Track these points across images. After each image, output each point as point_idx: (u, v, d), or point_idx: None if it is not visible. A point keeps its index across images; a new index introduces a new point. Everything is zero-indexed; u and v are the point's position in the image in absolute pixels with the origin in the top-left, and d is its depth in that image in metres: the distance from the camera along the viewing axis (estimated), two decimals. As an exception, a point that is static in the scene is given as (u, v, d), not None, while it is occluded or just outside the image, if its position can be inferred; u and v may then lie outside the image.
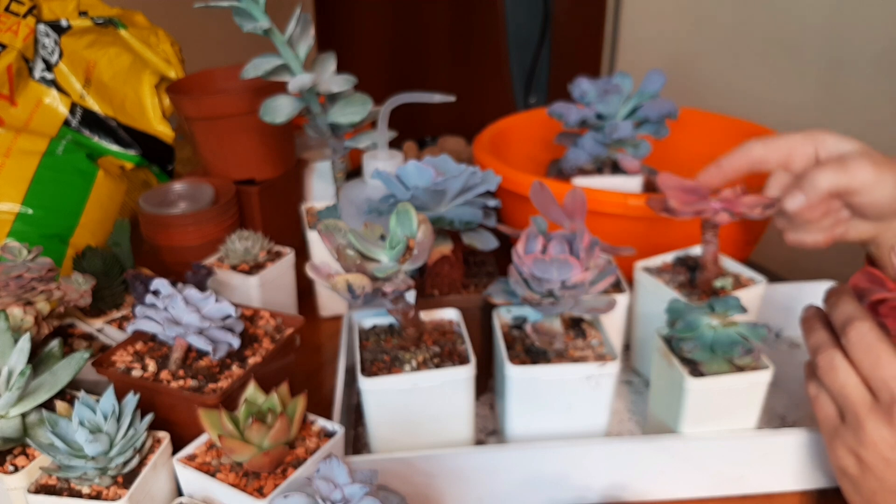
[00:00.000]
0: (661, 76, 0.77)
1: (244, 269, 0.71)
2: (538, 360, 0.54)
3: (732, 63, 1.34)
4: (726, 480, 0.55)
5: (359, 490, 0.39)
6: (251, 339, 0.58)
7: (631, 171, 0.78)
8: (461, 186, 0.55)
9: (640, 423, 0.63)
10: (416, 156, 1.10)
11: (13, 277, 0.56)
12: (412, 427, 0.53)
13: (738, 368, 0.52)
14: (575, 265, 0.49)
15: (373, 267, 0.49)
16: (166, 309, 0.55)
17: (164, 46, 0.94)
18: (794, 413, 0.64)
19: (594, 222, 0.59)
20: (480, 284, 0.63)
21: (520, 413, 0.55)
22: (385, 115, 0.64)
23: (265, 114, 0.68)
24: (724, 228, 0.61)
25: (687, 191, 0.60)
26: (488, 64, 1.79)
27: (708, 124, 0.91)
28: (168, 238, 0.77)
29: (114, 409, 0.47)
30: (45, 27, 0.89)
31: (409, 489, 0.52)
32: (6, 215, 0.77)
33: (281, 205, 0.88)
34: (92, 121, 0.89)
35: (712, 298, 0.54)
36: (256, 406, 0.49)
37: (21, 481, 0.47)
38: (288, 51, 0.66)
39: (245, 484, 0.46)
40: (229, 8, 0.64)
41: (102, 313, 0.69)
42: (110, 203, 0.84)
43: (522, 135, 0.91)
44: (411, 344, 0.55)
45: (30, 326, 0.56)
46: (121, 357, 0.56)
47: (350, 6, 2.03)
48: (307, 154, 0.93)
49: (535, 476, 0.53)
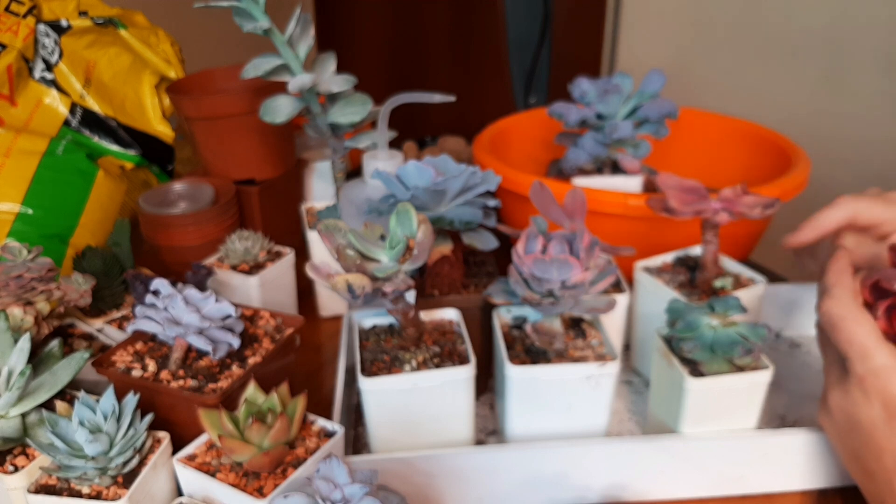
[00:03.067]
0: (661, 76, 0.77)
1: (244, 269, 0.71)
2: (538, 360, 0.54)
3: (732, 63, 1.35)
4: (726, 480, 0.55)
5: (359, 490, 0.39)
6: (251, 339, 0.58)
7: (631, 171, 0.78)
8: (461, 186, 0.55)
9: (640, 423, 0.63)
10: (416, 156, 1.10)
11: (13, 277, 0.56)
12: (412, 427, 0.53)
13: (738, 368, 0.52)
14: (575, 265, 0.49)
15: (373, 267, 0.49)
16: (166, 309, 0.55)
17: (164, 46, 0.94)
18: (794, 413, 0.64)
19: (594, 222, 0.59)
20: (480, 284, 0.63)
21: (520, 413, 0.55)
22: (385, 115, 0.64)
23: (265, 114, 0.68)
24: (724, 228, 0.61)
25: (687, 191, 0.60)
26: (488, 64, 1.79)
27: (708, 124, 0.91)
28: (168, 238, 0.77)
29: (114, 409, 0.47)
30: (45, 27, 0.89)
31: (409, 489, 0.52)
32: (6, 215, 0.77)
33: (281, 205, 0.88)
34: (92, 121, 0.89)
35: (712, 298, 0.54)
36: (256, 406, 0.49)
37: (21, 481, 0.47)
38: (288, 51, 0.66)
39: (245, 484, 0.46)
40: (229, 8, 0.64)
41: (102, 313, 0.69)
42: (110, 203, 0.84)
43: (522, 135, 0.91)
44: (411, 344, 0.55)
45: (30, 326, 0.56)
46: (121, 357, 0.56)
47: (350, 6, 2.03)
48: (307, 154, 0.93)
49: (535, 476, 0.53)
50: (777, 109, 1.17)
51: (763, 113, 0.98)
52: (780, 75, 1.27)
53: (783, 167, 0.76)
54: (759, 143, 0.85)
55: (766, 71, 1.28)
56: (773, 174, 0.74)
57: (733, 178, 0.73)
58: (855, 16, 1.14)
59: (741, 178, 0.66)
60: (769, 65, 1.27)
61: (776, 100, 1.26)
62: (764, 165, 0.81)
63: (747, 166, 0.85)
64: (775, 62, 1.27)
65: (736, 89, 1.33)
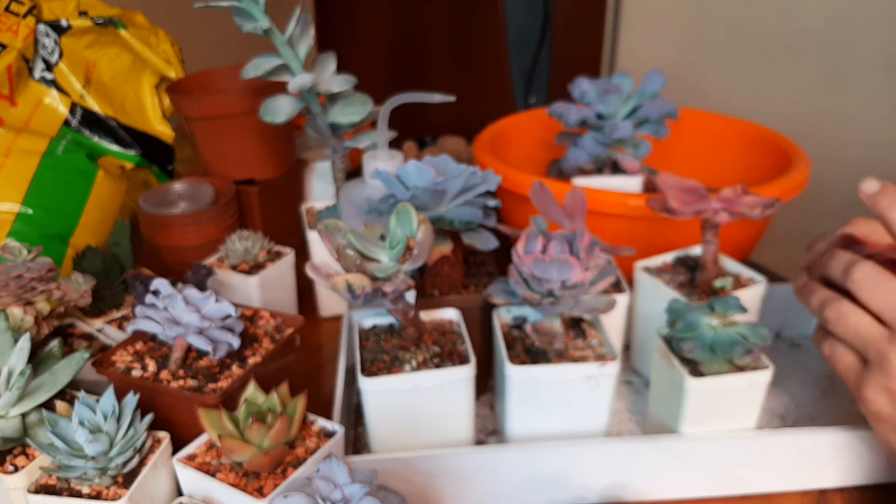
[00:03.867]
0: (661, 76, 0.77)
1: (244, 269, 0.71)
2: (538, 360, 0.54)
3: (732, 63, 1.34)
4: (726, 480, 0.55)
5: (359, 490, 0.39)
6: (251, 339, 0.58)
7: (631, 171, 0.78)
8: (461, 186, 0.55)
9: (640, 423, 0.63)
10: (416, 156, 1.10)
11: (13, 277, 0.56)
12: (412, 427, 0.53)
13: (738, 368, 0.52)
14: (575, 265, 0.49)
15: (373, 267, 0.49)
16: (166, 309, 0.55)
17: (164, 46, 0.94)
18: (794, 413, 0.64)
19: (594, 222, 0.59)
20: (480, 284, 0.63)
21: (520, 413, 0.55)
22: (385, 115, 0.64)
23: (265, 114, 0.68)
24: (724, 228, 0.61)
25: (687, 191, 0.60)
26: (488, 64, 1.80)
27: (708, 124, 0.91)
28: (168, 238, 0.77)
29: (114, 409, 0.47)
30: (45, 27, 0.89)
31: (409, 489, 0.52)
32: (6, 215, 0.77)
33: (281, 205, 0.88)
34: (92, 121, 0.89)
35: (712, 298, 0.54)
36: (256, 406, 0.49)
37: (21, 481, 0.47)
38: (288, 51, 0.66)
39: (245, 484, 0.46)
40: (229, 8, 0.64)
41: (102, 313, 0.69)
42: (110, 203, 0.84)
43: (522, 135, 0.91)
44: (411, 344, 0.55)
45: (30, 326, 0.56)
46: (121, 357, 0.56)
47: (350, 6, 2.03)
48: (307, 154, 0.93)
49: (535, 476, 0.53)
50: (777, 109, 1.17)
51: (763, 113, 0.98)
52: (780, 75, 1.27)
53: (783, 167, 0.76)
54: (759, 143, 0.85)
55: (766, 71, 1.28)
56: (773, 174, 0.74)
57: (733, 178, 0.73)
58: (855, 16, 1.14)
59: (741, 178, 0.66)
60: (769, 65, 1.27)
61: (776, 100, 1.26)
62: (764, 165, 0.81)
63: (747, 166, 0.85)
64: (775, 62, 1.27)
65: (736, 89, 1.32)
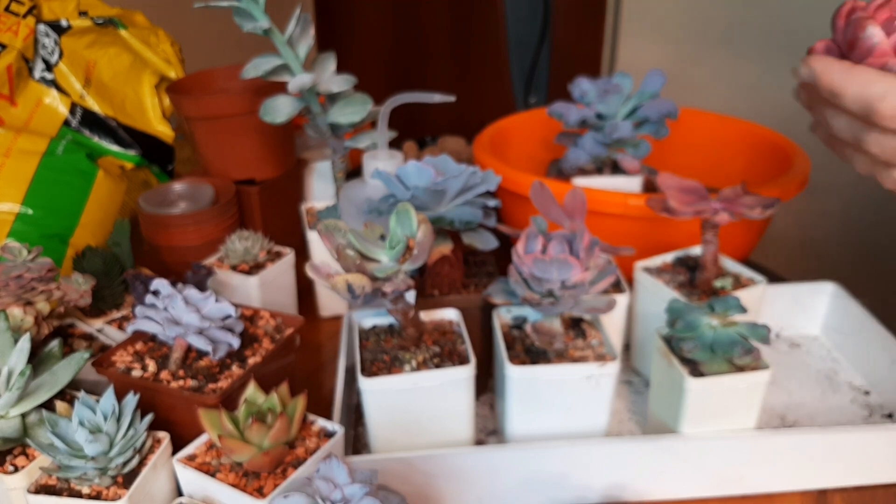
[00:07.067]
0: (661, 76, 0.77)
1: (244, 269, 0.71)
2: (538, 360, 0.54)
3: (732, 63, 1.34)
4: (726, 480, 0.55)
5: (359, 490, 0.39)
6: (251, 339, 0.58)
7: (631, 171, 0.78)
8: (461, 186, 0.55)
9: (640, 423, 0.63)
10: (416, 156, 1.10)
11: (13, 277, 0.56)
12: (412, 427, 0.53)
13: (738, 368, 0.52)
14: (575, 265, 0.49)
15: (373, 267, 0.49)
16: (166, 309, 0.55)
17: (164, 46, 0.94)
18: (794, 413, 0.64)
19: (594, 222, 0.59)
20: (480, 284, 0.63)
21: (520, 413, 0.55)
22: (385, 115, 0.64)
23: (265, 114, 0.68)
24: (724, 228, 0.61)
25: (687, 191, 0.60)
26: (488, 64, 1.80)
27: (708, 124, 0.91)
28: (168, 238, 0.77)
29: (114, 410, 0.47)
30: (45, 27, 0.89)
31: (409, 489, 0.52)
32: (6, 215, 0.77)
33: (281, 205, 0.88)
34: (92, 121, 0.89)
35: (712, 298, 0.54)
36: (256, 406, 0.49)
37: (21, 481, 0.47)
38: (288, 51, 0.66)
39: (245, 484, 0.46)
40: (229, 8, 0.64)
41: (102, 313, 0.69)
42: (110, 203, 0.84)
43: (522, 135, 0.91)
44: (411, 344, 0.55)
45: (30, 326, 0.56)
46: (121, 357, 0.56)
47: (350, 6, 2.03)
48: (307, 154, 0.93)
49: (535, 476, 0.53)
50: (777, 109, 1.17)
51: (763, 113, 0.98)
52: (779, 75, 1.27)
53: (783, 167, 0.76)
54: (759, 143, 0.85)
55: (766, 71, 1.28)
56: (773, 174, 0.74)
57: (733, 178, 0.73)
58: (855, 16, 1.14)
59: (741, 178, 0.66)
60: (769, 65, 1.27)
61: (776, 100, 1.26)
62: (764, 165, 0.81)
63: (747, 166, 0.85)
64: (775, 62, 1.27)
65: (736, 89, 1.33)
